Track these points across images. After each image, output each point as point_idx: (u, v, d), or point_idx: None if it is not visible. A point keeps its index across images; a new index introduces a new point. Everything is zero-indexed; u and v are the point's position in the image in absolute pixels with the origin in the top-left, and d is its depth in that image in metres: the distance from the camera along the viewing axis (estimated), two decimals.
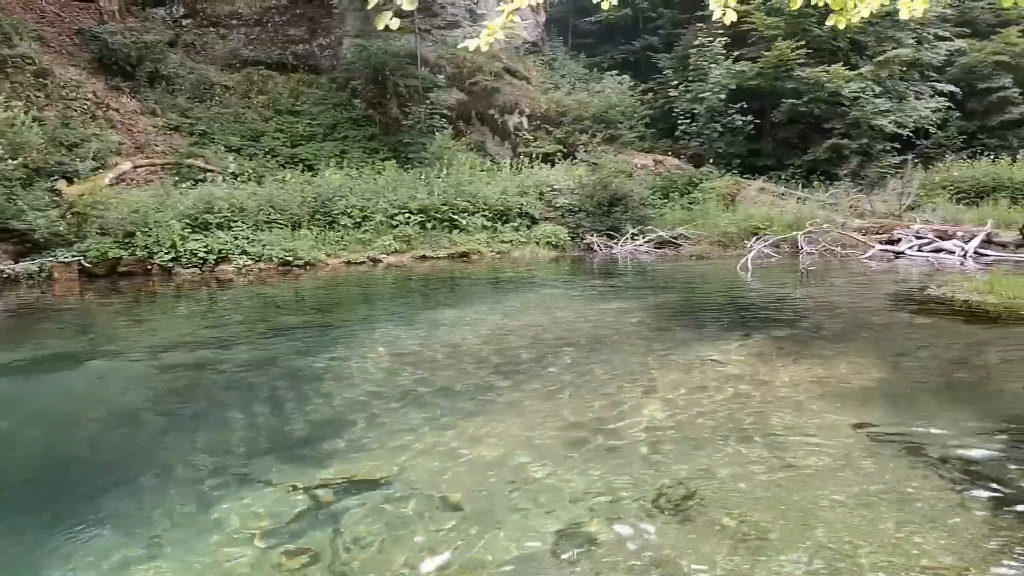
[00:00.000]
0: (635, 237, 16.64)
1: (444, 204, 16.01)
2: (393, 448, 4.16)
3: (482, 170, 18.61)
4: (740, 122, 21.43)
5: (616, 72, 24.74)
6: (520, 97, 22.43)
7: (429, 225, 15.65)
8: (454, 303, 10.05)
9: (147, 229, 12.78)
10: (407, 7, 2.29)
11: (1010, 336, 6.96)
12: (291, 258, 13.36)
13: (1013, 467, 3.70)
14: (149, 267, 12.73)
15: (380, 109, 20.52)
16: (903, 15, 3.30)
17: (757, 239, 15.20)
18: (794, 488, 3.48)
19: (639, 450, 4.05)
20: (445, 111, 20.00)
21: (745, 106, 21.42)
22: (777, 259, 14.40)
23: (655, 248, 16.42)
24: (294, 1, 22.22)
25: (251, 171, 16.67)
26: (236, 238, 13.47)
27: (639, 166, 20.50)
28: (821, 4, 3.27)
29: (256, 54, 21.61)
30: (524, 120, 22.36)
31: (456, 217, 15.95)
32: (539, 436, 4.31)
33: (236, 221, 13.84)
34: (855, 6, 3.18)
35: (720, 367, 5.86)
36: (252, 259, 13.22)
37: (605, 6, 2.98)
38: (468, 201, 16.34)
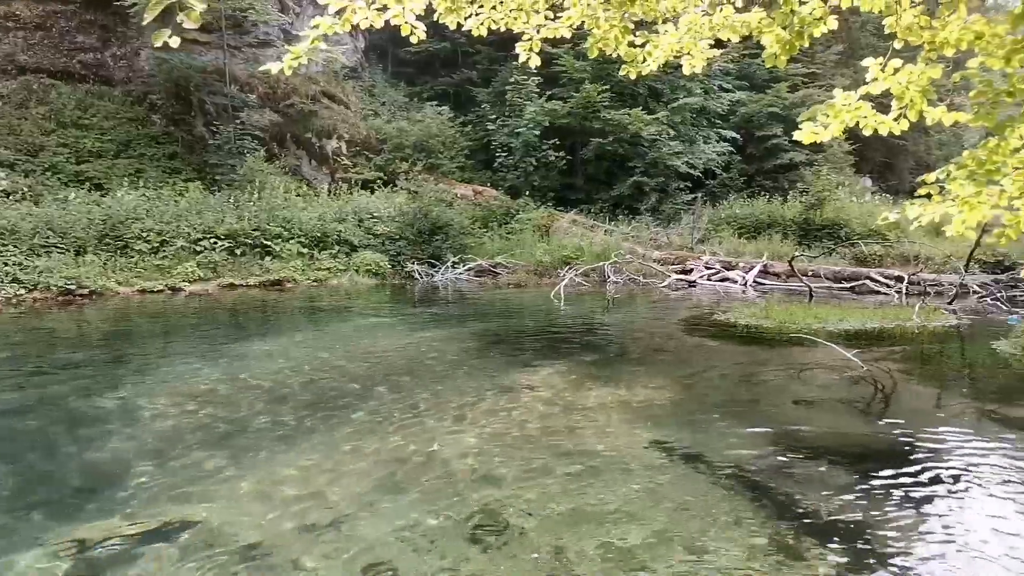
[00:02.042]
0: (455, 265, 16.86)
1: (255, 229, 15.20)
2: (189, 494, 3.81)
3: (298, 195, 17.97)
4: (553, 157, 22.61)
5: (436, 102, 25.14)
6: (338, 122, 22.01)
7: (238, 251, 14.75)
8: (264, 335, 9.52)
9: None
10: (188, 25, 2.14)
11: (782, 356, 7.88)
12: (74, 286, 11.94)
13: (787, 476, 4.15)
14: None
15: (184, 127, 19.11)
16: (685, 70, 3.67)
17: (569, 268, 16.03)
18: (599, 505, 3.65)
19: (453, 478, 4.05)
20: (257, 132, 19.08)
21: (558, 142, 22.66)
22: (587, 287, 15.25)
23: (475, 276, 16.74)
24: (84, 6, 20.16)
25: (27, 189, 14.76)
26: (6, 264, 11.81)
27: (459, 196, 20.89)
28: (614, 56, 3.55)
29: (37, 61, 19.25)
30: (343, 145, 21.94)
31: (269, 243, 15.20)
32: (350, 471, 4.16)
33: (6, 245, 12.15)
34: (644, 59, 3.50)
35: (533, 392, 6.06)
36: (25, 288, 11.65)
37: (414, 40, 3.00)
38: (282, 226, 15.66)
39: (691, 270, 16.70)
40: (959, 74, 2.85)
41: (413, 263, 16.70)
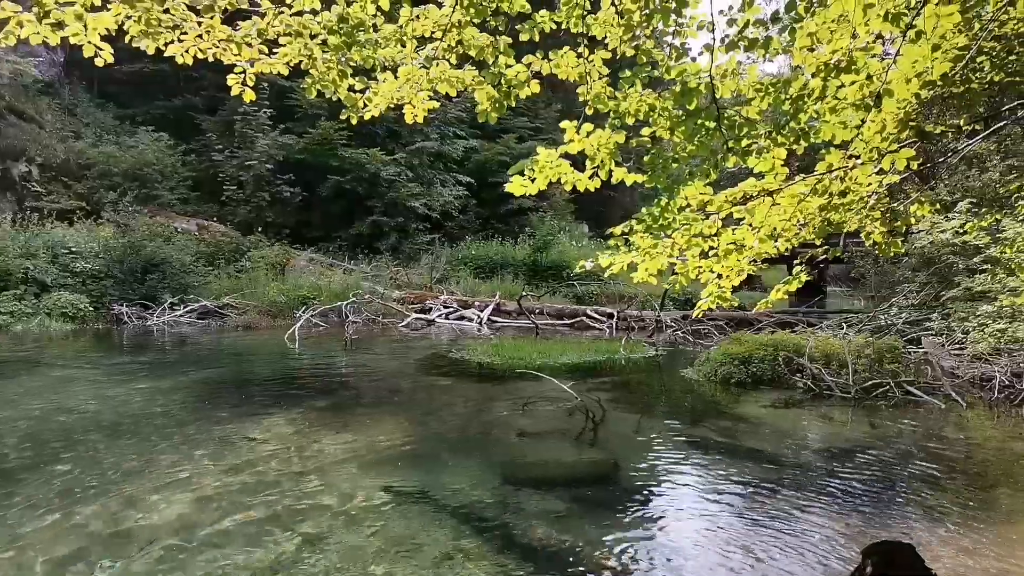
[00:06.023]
0: (175, 307, 15.32)
1: None
2: None
3: None
4: (288, 193, 21.81)
5: (153, 128, 22.90)
6: (29, 143, 19.00)
7: None
8: None
9: None
10: None
11: (509, 391, 8.29)
12: None
13: (510, 507, 4.32)
14: None
15: None
16: (407, 119, 3.74)
17: (306, 309, 15.43)
18: (327, 558, 3.46)
19: (158, 551, 3.58)
20: None
21: (293, 178, 21.91)
22: (325, 328, 14.79)
23: (198, 319, 15.36)
24: None
25: None
26: None
27: (180, 230, 19.11)
28: (335, 99, 3.51)
29: None
30: (34, 170, 18.96)
31: None
32: (25, 556, 3.48)
33: None
34: (364, 105, 3.51)
35: (259, 444, 5.65)
36: None
37: (99, 63, 2.67)
38: None
39: (430, 309, 17.06)
40: (634, 140, 3.28)
41: (121, 305, 14.83)
